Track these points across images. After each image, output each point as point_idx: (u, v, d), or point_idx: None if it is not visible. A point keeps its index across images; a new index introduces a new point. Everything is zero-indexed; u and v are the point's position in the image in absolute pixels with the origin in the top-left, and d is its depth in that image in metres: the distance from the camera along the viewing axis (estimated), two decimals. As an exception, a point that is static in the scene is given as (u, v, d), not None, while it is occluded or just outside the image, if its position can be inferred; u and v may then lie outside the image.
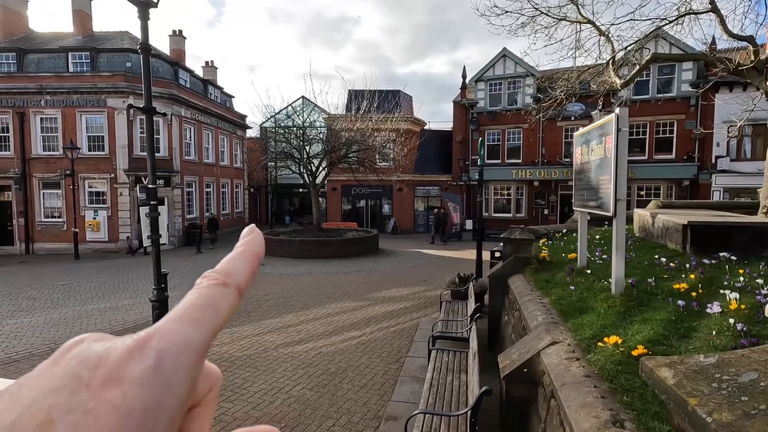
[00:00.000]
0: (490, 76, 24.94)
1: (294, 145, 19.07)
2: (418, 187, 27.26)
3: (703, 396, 0.67)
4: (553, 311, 4.29)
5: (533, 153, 24.26)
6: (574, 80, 11.38)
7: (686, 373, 0.72)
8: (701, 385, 0.69)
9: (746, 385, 0.65)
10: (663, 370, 0.74)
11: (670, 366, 0.75)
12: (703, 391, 0.68)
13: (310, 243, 17.82)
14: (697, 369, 0.72)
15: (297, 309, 9.33)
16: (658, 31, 11.67)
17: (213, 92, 28.94)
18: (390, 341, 7.25)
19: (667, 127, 21.73)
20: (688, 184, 21.26)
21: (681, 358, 0.76)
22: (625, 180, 4.00)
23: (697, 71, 20.65)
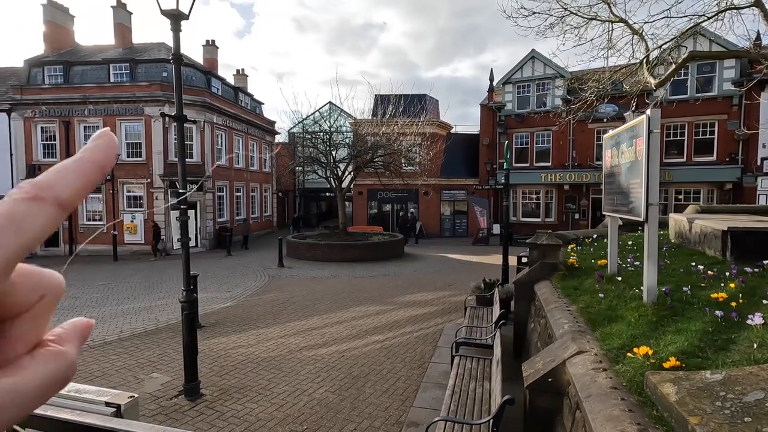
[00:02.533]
0: (519, 78, 24.53)
1: (321, 150, 19.33)
2: (444, 191, 27.07)
3: (705, 415, 0.62)
4: (580, 319, 4.15)
5: (563, 156, 23.64)
6: (606, 81, 11.03)
7: (690, 390, 0.68)
8: (704, 404, 0.65)
9: (751, 405, 0.60)
10: (666, 386, 0.70)
11: (674, 382, 0.70)
12: (705, 409, 0.63)
13: (336, 246, 17.99)
14: (701, 386, 0.68)
15: (321, 312, 9.42)
16: (696, 29, 11.17)
17: (243, 99, 29.77)
18: (413, 346, 7.20)
19: (707, 127, 20.72)
20: (730, 187, 20.15)
21: (686, 374, 0.71)
22: (657, 183, 3.84)
23: (740, 69, 19.59)
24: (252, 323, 8.60)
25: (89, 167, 0.27)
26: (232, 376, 5.98)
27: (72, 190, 0.26)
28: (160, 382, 5.78)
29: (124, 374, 6.09)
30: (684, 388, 0.68)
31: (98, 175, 0.27)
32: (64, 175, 0.26)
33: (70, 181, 0.26)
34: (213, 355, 6.79)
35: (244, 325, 8.45)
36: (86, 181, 0.27)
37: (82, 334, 0.30)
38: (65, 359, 0.28)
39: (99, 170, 0.27)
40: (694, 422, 0.62)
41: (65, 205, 0.25)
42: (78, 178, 0.26)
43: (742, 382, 0.69)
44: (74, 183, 0.26)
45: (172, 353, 6.80)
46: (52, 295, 0.27)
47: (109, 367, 6.36)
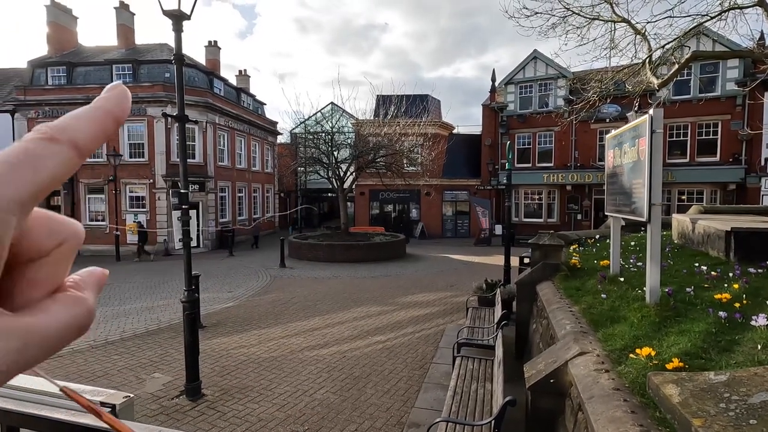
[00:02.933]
0: (521, 78, 24.49)
1: (323, 151, 19.35)
2: (446, 192, 27.04)
3: (709, 417, 0.61)
4: (582, 320, 4.13)
5: (565, 156, 23.58)
6: (608, 81, 11.00)
7: (693, 391, 0.67)
8: (708, 405, 0.63)
9: (756, 407, 0.59)
10: (669, 387, 0.69)
11: (677, 383, 0.69)
12: (709, 411, 0.62)
13: (338, 247, 17.99)
14: (705, 387, 0.66)
15: (323, 312, 9.42)
16: (699, 28, 11.12)
17: (245, 100, 29.83)
18: (415, 347, 7.18)
19: (710, 128, 20.64)
20: (734, 188, 20.06)
21: (690, 375, 0.70)
22: (660, 184, 3.82)
23: (744, 69, 19.51)
24: (254, 323, 8.60)
25: (102, 116, 0.27)
26: (234, 376, 5.98)
27: (87, 135, 0.26)
28: (162, 382, 5.78)
29: (126, 374, 6.09)
30: (687, 390, 0.67)
31: (111, 124, 0.28)
32: (79, 121, 0.26)
33: (84, 127, 0.26)
34: (214, 355, 6.79)
35: (246, 326, 8.45)
36: (100, 129, 0.27)
37: (99, 281, 0.32)
38: (84, 305, 0.28)
39: (112, 120, 0.28)
40: (698, 424, 0.61)
41: (81, 149, 0.25)
42: (92, 125, 0.27)
43: (747, 384, 0.67)
44: (89, 129, 0.26)
45: (174, 353, 6.81)
46: (71, 242, 0.28)
47: (111, 366, 6.37)
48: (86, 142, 0.26)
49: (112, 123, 0.28)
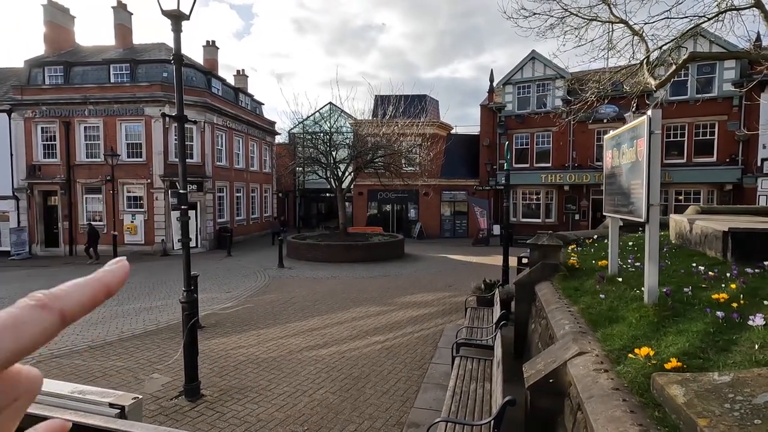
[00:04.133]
0: (519, 78, 24.54)
1: (321, 151, 19.34)
2: (444, 192, 27.07)
3: (714, 417, 0.62)
4: (581, 320, 4.15)
5: (563, 156, 23.64)
6: (606, 82, 11.03)
7: (698, 391, 0.68)
8: (713, 405, 0.64)
9: (761, 407, 0.60)
10: (674, 388, 0.70)
11: (681, 383, 0.70)
12: (714, 411, 0.63)
13: (336, 247, 17.99)
14: (709, 388, 0.67)
15: (322, 312, 9.42)
16: (696, 29, 11.16)
17: (244, 100, 29.79)
18: (414, 347, 7.19)
19: (707, 128, 20.72)
20: (731, 188, 20.15)
21: (694, 376, 0.71)
22: (659, 184, 3.84)
23: (740, 70, 19.60)
24: (252, 324, 8.60)
25: (97, 286, 0.29)
26: (233, 376, 5.98)
27: (77, 304, 0.28)
28: (161, 382, 5.77)
29: (125, 375, 6.08)
30: (692, 390, 0.68)
31: (103, 294, 0.30)
32: (75, 289, 0.28)
33: (77, 297, 0.28)
34: (213, 355, 6.79)
35: (245, 326, 8.44)
36: (91, 300, 0.29)
37: None
38: None
39: (105, 290, 0.30)
40: (703, 424, 0.62)
41: (66, 317, 0.27)
42: (85, 296, 0.29)
43: (751, 384, 0.68)
44: (81, 299, 0.28)
45: (173, 354, 6.80)
46: (25, 398, 0.28)
47: (110, 367, 6.36)
48: (74, 312, 0.27)
49: (103, 293, 0.30)
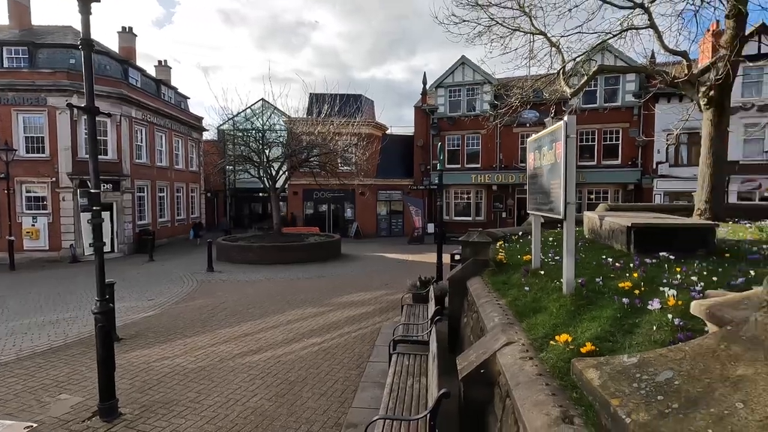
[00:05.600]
0: (450, 82, 25.51)
1: (253, 149, 18.61)
2: (380, 191, 27.36)
3: (624, 396, 0.69)
4: (509, 312, 4.40)
5: (491, 158, 25.00)
6: (528, 89, 11.82)
7: (611, 373, 0.75)
8: (623, 386, 0.72)
9: (662, 384, 0.68)
10: (590, 372, 0.77)
11: (596, 367, 0.77)
12: (625, 391, 0.70)
13: (270, 248, 17.43)
14: (620, 369, 0.75)
15: (256, 317, 9.06)
16: (603, 44, 12.33)
17: (167, 93, 27.76)
18: (352, 347, 7.18)
19: (613, 134, 23.06)
20: (632, 188, 22.63)
21: (607, 359, 0.79)
22: (575, 184, 4.18)
23: (639, 83, 22.07)
24: (178, 332, 8.04)
25: None
26: (156, 390, 5.54)
27: None
28: (70, 403, 5.19)
29: (25, 398, 5.38)
30: (606, 373, 0.75)
31: None
32: None
33: None
34: (133, 369, 6.24)
35: (170, 335, 7.87)
36: None
37: None
38: None
39: None
40: (616, 404, 0.69)
41: None
42: None
43: (654, 364, 0.77)
44: None
45: (85, 371, 6.15)
46: None
47: (6, 391, 5.59)
48: None
49: None
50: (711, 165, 8.63)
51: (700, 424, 0.59)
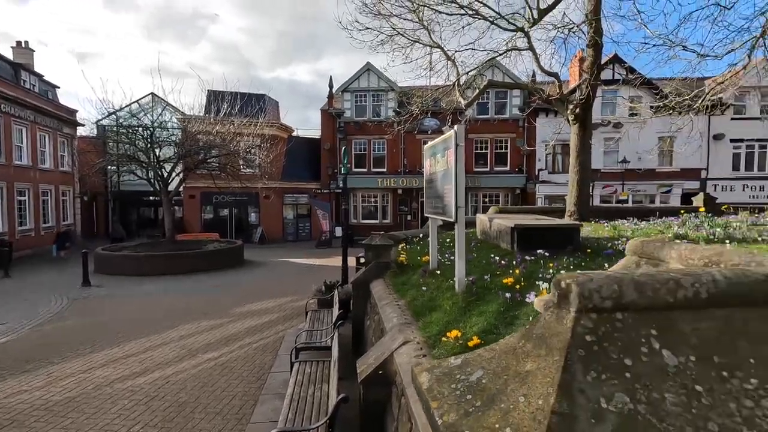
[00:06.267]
0: (356, 87, 25.84)
1: (140, 148, 16.78)
2: (286, 195, 26.61)
3: (443, 398, 0.75)
4: (407, 312, 4.56)
5: (396, 162, 25.85)
6: (427, 98, 12.48)
7: (438, 376, 0.81)
8: (444, 387, 0.77)
9: (473, 384, 0.75)
10: (423, 375, 0.81)
11: (429, 371, 0.82)
12: (444, 392, 0.76)
13: (161, 258, 15.85)
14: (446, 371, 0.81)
15: (141, 335, 8.14)
16: (492, 61, 13.51)
17: (28, 79, 23.79)
18: (252, 358, 6.82)
19: (503, 143, 25.42)
20: (519, 192, 25.17)
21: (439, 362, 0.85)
22: (464, 189, 4.49)
23: (524, 98, 24.65)
24: (42, 359, 6.87)
25: None
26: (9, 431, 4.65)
27: None
28: None
29: None
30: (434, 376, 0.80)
31: None
32: None
33: None
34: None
35: (29, 364, 6.69)
36: None
37: None
38: None
39: None
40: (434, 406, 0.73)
41: None
42: None
43: (472, 364, 0.84)
44: None
45: None
46: None
47: None
48: None
49: None
50: (578, 173, 9.96)
51: (491, 420, 0.65)
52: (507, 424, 0.66)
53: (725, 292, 0.73)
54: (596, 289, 0.75)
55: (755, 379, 0.65)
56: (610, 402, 0.62)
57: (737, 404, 0.62)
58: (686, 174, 23.99)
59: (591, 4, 9.53)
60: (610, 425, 0.60)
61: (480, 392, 0.74)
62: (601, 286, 0.75)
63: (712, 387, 0.64)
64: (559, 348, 0.68)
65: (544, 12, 10.44)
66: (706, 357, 0.68)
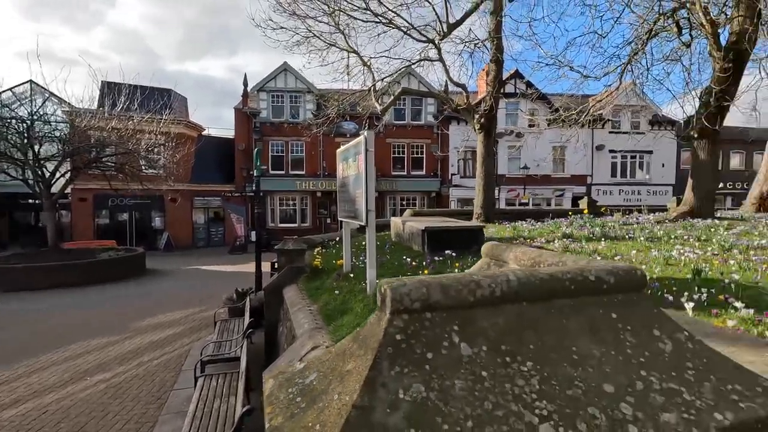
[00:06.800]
0: (272, 87, 25.08)
1: (13, 143, 14.54)
2: (196, 198, 24.90)
3: (277, 402, 0.78)
4: (318, 317, 4.53)
5: (315, 165, 25.55)
6: (345, 102, 12.56)
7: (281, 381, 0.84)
8: (281, 392, 0.81)
9: (306, 386, 0.79)
10: (269, 382, 0.84)
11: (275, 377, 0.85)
12: (280, 397, 0.79)
13: (42, 270, 13.86)
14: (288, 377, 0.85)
15: (12, 360, 7.04)
16: (408, 69, 14.01)
17: None
18: (152, 377, 6.26)
19: (419, 148, 26.44)
20: (434, 195, 26.37)
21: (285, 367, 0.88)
22: (374, 193, 4.59)
23: (437, 106, 25.92)
24: None
25: None
26: None
27: None
28: None
29: None
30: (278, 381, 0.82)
31: None
32: None
33: None
34: None
35: None
36: None
37: None
38: None
39: None
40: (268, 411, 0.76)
41: None
42: None
43: (310, 368, 0.88)
44: None
45: None
46: None
47: None
48: None
49: None
50: (483, 178, 10.74)
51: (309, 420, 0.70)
52: (319, 421, 0.70)
53: (517, 290, 0.86)
54: (407, 293, 0.84)
55: (531, 362, 0.78)
56: (407, 392, 0.70)
57: (512, 384, 0.73)
58: (576, 180, 27.09)
59: (493, 24, 10.37)
60: (403, 413, 0.68)
61: (308, 394, 0.78)
62: (411, 290, 0.84)
63: (495, 371, 0.74)
64: (373, 347, 0.75)
65: (453, 26, 11.11)
66: (496, 347, 0.80)
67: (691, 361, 0.84)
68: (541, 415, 0.71)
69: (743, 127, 17.43)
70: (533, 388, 0.75)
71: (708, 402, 0.76)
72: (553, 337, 0.84)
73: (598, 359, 0.81)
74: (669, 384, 0.79)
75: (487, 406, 0.70)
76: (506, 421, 0.69)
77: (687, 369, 0.83)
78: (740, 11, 8.17)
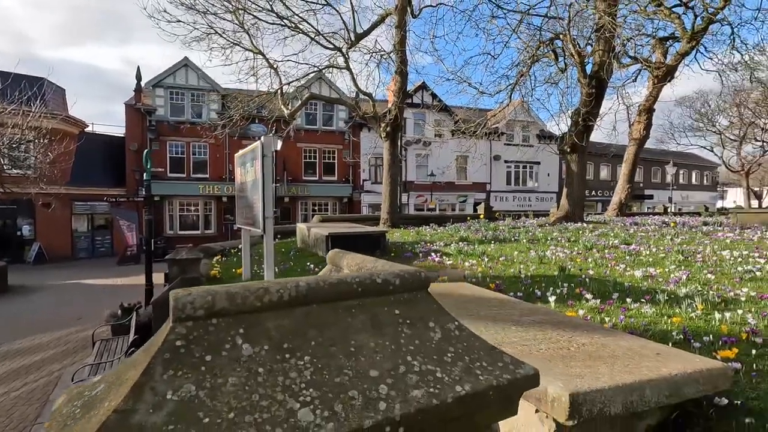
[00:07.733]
0: (171, 83, 23.20)
1: None
2: (77, 203, 21.98)
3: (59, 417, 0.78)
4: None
5: (221, 169, 24.15)
6: (250, 104, 12.11)
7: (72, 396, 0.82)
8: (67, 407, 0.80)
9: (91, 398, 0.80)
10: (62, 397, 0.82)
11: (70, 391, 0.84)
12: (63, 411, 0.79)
13: None
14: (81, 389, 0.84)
15: None
16: (317, 75, 13.96)
17: None
18: (8, 412, 5.37)
19: (331, 154, 26.44)
20: (347, 200, 26.53)
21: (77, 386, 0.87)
22: (272, 200, 4.51)
23: (349, 112, 26.20)
24: None
25: None
26: None
27: None
28: None
29: None
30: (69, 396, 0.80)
31: None
32: None
33: None
34: None
35: None
36: None
37: None
38: None
39: None
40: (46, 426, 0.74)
41: None
42: None
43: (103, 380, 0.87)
44: None
45: None
46: None
47: None
48: None
49: None
50: (389, 184, 11.11)
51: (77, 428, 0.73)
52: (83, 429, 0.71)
53: (306, 294, 0.95)
54: (190, 302, 0.88)
55: (308, 356, 0.87)
56: (176, 393, 0.74)
57: (285, 377, 0.81)
58: (476, 187, 29.28)
59: (398, 37, 10.83)
60: (166, 411, 0.72)
61: (88, 405, 0.77)
62: (195, 299, 0.88)
63: (272, 367, 0.82)
64: (152, 354, 0.78)
65: (361, 36, 11.38)
66: (278, 345, 0.87)
67: (454, 346, 0.99)
68: (304, 401, 0.78)
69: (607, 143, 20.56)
70: (304, 379, 0.82)
71: (455, 378, 0.91)
72: (336, 333, 0.93)
73: (372, 349, 0.92)
74: (428, 366, 0.92)
75: (254, 398, 0.76)
76: (269, 410, 0.75)
77: (448, 352, 0.97)
78: (600, 45, 9.60)
